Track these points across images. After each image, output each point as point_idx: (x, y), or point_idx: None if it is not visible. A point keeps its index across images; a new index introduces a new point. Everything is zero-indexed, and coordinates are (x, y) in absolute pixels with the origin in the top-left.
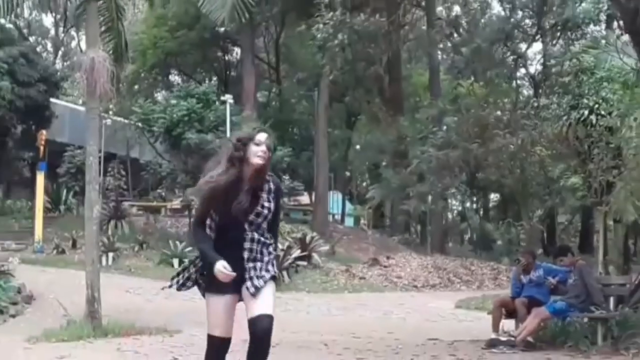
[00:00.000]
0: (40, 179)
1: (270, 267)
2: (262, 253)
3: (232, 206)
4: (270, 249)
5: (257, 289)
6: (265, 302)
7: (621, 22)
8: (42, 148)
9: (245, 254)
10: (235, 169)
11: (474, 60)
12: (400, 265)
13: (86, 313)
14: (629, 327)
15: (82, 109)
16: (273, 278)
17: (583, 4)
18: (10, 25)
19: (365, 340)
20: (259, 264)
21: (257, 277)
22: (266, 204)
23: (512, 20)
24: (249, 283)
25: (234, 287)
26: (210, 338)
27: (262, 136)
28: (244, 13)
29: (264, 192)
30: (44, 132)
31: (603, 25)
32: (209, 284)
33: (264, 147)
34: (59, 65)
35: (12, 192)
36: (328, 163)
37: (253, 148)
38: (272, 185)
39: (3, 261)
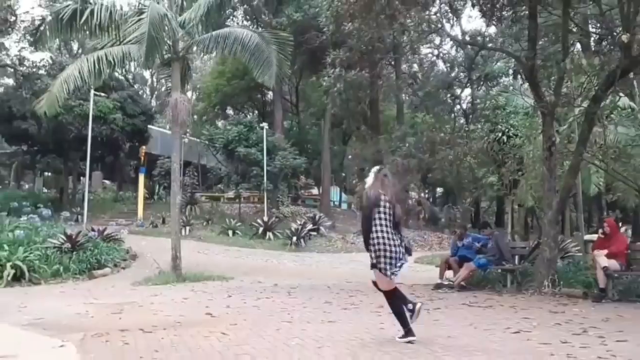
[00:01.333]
0: (141, 178)
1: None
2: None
3: None
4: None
5: None
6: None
7: (522, 75)
8: (142, 158)
9: None
10: None
11: (426, 100)
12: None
13: (171, 266)
14: (527, 275)
15: (169, 132)
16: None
17: (498, 63)
18: (122, 77)
19: (355, 284)
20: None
21: None
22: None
23: (451, 74)
24: None
25: None
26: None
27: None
28: (280, 75)
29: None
30: (143, 147)
31: (511, 77)
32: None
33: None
34: (153, 103)
35: (123, 187)
36: (330, 167)
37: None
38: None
39: (117, 232)
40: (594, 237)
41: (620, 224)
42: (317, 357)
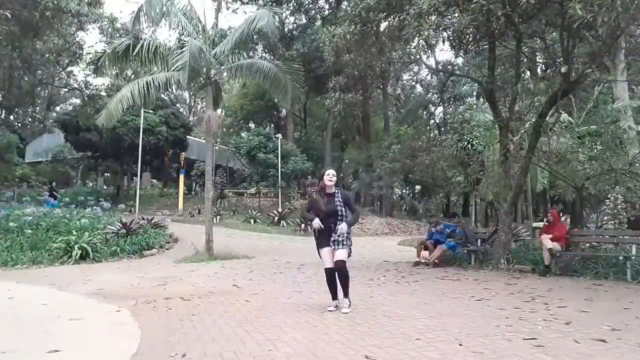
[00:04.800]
0: (181, 178)
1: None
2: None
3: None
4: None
5: (336, 247)
6: (339, 254)
7: (484, 96)
8: (182, 162)
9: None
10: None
11: (407, 116)
12: (369, 223)
13: (205, 248)
14: (487, 255)
15: (203, 141)
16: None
17: (464, 86)
18: (166, 97)
19: (350, 262)
20: (337, 234)
21: (336, 242)
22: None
23: (427, 95)
24: (332, 243)
25: (327, 244)
26: (325, 269)
27: (331, 170)
28: (293, 99)
29: (335, 197)
30: (183, 153)
31: (475, 97)
32: (318, 243)
33: (329, 173)
34: (191, 118)
35: (167, 185)
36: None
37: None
38: (339, 194)
39: (162, 221)
40: (541, 224)
41: (561, 214)
42: (321, 319)
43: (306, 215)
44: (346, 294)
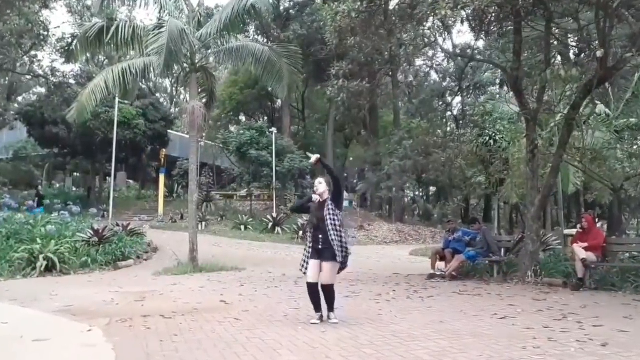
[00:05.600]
0: (162, 178)
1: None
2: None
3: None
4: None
5: (323, 259)
6: (325, 277)
7: (508, 85)
8: (162, 160)
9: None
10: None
11: (421, 107)
12: (376, 229)
13: (189, 258)
14: (512, 267)
15: (186, 136)
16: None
17: (486, 73)
18: (144, 86)
19: (355, 274)
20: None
21: (322, 252)
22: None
23: (443, 83)
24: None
25: (314, 255)
26: (307, 283)
27: (316, 181)
28: (290, 86)
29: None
30: (164, 150)
31: (498, 86)
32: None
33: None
34: (172, 110)
35: (145, 186)
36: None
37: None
38: (329, 202)
39: (139, 227)
40: (573, 231)
41: (596, 220)
42: (321, 340)
43: (300, 201)
44: (331, 309)
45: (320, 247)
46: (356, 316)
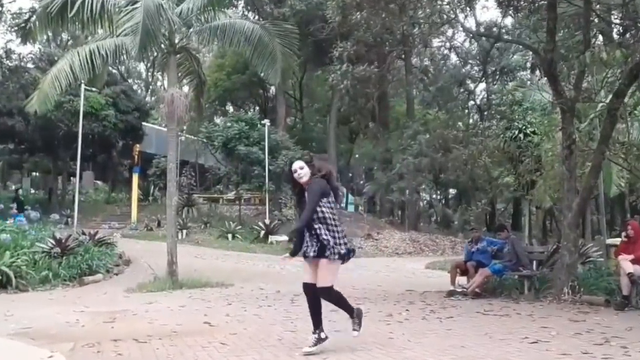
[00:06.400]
0: (135, 178)
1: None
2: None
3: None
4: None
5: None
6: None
7: (541, 69)
8: (136, 157)
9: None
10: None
11: (438, 95)
12: (386, 238)
13: (167, 272)
14: (546, 282)
15: (164, 129)
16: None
17: (514, 56)
18: (115, 70)
19: (362, 291)
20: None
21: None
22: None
23: (465, 68)
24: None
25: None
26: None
27: (294, 165)
28: (285, 70)
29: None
30: (137, 145)
31: (528, 71)
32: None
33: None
34: (148, 99)
35: (116, 188)
36: (336, 167)
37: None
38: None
39: (109, 236)
40: (617, 241)
41: None
42: None
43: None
44: (351, 316)
45: (310, 241)
46: (363, 340)
